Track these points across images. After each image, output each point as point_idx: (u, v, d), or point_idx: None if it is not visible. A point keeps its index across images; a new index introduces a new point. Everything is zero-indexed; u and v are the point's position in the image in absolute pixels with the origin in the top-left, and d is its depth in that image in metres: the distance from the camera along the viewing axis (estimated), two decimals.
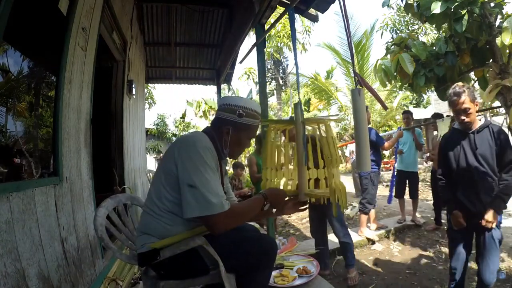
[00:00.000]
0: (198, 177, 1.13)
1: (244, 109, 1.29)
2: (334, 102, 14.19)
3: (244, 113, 1.29)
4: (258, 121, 1.36)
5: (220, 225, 1.14)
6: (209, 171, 1.16)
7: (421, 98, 17.94)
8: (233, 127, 1.30)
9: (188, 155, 1.17)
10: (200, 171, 1.14)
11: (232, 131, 1.29)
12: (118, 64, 3.82)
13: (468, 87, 1.87)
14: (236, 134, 1.31)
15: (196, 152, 1.16)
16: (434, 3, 2.58)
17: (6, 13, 1.26)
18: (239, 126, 1.31)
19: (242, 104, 1.30)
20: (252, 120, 1.32)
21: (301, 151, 1.44)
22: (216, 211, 1.11)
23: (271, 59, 16.70)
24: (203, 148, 1.18)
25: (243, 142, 1.36)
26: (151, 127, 17.97)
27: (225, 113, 1.31)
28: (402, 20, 10.43)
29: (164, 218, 1.22)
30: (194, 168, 1.14)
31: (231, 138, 1.30)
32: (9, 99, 2.22)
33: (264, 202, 1.31)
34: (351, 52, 1.54)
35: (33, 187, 1.49)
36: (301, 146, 1.44)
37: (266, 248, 1.33)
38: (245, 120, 1.30)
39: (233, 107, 1.30)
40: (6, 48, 1.88)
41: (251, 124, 1.33)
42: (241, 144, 1.36)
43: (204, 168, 1.14)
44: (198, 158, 1.15)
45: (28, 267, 1.35)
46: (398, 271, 3.05)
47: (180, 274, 1.27)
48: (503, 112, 4.23)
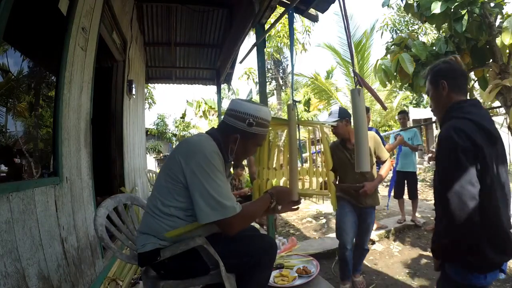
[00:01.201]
0: (210, 185, 1.15)
1: (255, 118, 1.24)
2: (334, 102, 14.19)
3: (254, 122, 1.24)
4: (267, 130, 1.33)
5: (235, 227, 1.20)
6: (219, 176, 1.17)
7: (421, 98, 17.92)
8: (241, 136, 1.25)
9: (197, 163, 1.16)
10: (211, 178, 1.15)
11: (239, 139, 1.25)
12: (118, 64, 3.82)
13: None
14: (243, 142, 1.27)
15: (204, 159, 1.16)
16: (434, 3, 2.58)
17: (6, 13, 1.26)
18: (248, 136, 1.26)
19: (253, 113, 1.24)
20: (262, 130, 1.28)
21: (295, 151, 1.46)
22: (231, 214, 1.15)
23: (271, 59, 16.68)
24: (210, 153, 1.17)
25: (250, 149, 1.34)
26: (151, 127, 17.97)
27: (234, 120, 1.25)
28: (402, 20, 10.44)
29: (166, 221, 1.22)
30: (205, 176, 1.15)
31: (238, 146, 1.27)
32: (9, 99, 2.22)
33: (271, 200, 1.34)
34: (351, 52, 1.54)
35: (33, 187, 1.49)
36: (295, 146, 1.46)
37: (266, 247, 1.34)
38: (255, 129, 1.25)
39: (243, 116, 1.24)
40: (6, 48, 1.88)
41: (259, 134, 1.28)
42: (247, 152, 1.34)
43: (214, 175, 1.16)
44: (207, 165, 1.15)
45: (28, 267, 1.35)
46: (398, 271, 3.05)
47: (180, 274, 1.27)
48: (503, 112, 4.24)
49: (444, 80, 1.19)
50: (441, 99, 1.21)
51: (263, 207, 1.34)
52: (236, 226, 1.20)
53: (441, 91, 1.20)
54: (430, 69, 1.27)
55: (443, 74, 1.21)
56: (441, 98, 1.21)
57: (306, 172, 1.60)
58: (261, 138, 1.32)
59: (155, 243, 1.22)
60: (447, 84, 1.18)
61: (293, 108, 1.47)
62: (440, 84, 1.20)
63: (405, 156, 4.42)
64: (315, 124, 1.50)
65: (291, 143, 1.46)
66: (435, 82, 1.22)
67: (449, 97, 1.18)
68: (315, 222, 5.24)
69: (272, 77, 18.36)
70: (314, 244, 3.71)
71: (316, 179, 1.55)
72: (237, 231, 1.22)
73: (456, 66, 1.23)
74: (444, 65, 1.24)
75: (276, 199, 1.36)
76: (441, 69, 1.23)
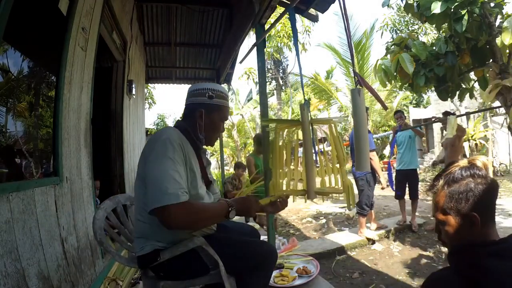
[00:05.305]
0: (158, 168, 1.09)
1: (213, 91, 1.32)
2: (334, 102, 14.21)
3: (213, 94, 1.32)
4: (227, 102, 1.39)
5: (174, 218, 1.05)
6: (169, 162, 1.11)
7: (421, 98, 17.93)
8: (206, 109, 1.31)
9: (151, 148, 1.16)
10: (159, 161, 1.10)
11: (205, 114, 1.30)
12: (118, 64, 3.82)
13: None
14: (209, 116, 1.31)
15: (158, 144, 1.15)
16: (434, 3, 2.58)
17: (6, 13, 1.26)
18: (211, 108, 1.32)
19: (210, 87, 1.33)
20: (223, 101, 1.35)
21: (310, 150, 1.44)
22: (171, 201, 1.04)
23: (271, 59, 16.69)
24: (164, 141, 1.15)
25: (217, 124, 1.36)
26: (151, 127, 17.96)
27: (195, 97, 1.33)
28: (402, 20, 10.45)
29: (154, 222, 1.14)
30: (154, 159, 1.12)
31: (205, 121, 1.31)
32: (9, 99, 2.22)
33: (229, 209, 1.22)
34: (351, 52, 1.54)
35: (33, 187, 1.49)
36: (309, 146, 1.44)
37: (266, 253, 1.33)
38: (216, 101, 1.32)
39: (202, 91, 1.32)
40: (6, 48, 1.88)
41: (222, 105, 1.35)
42: (215, 127, 1.35)
43: (163, 160, 1.11)
44: (160, 150, 1.13)
45: (28, 267, 1.35)
46: (398, 271, 3.05)
47: (180, 275, 1.27)
48: (503, 112, 4.23)
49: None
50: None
51: (215, 211, 1.23)
52: (176, 217, 1.05)
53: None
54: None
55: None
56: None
57: (325, 172, 1.55)
58: (224, 110, 1.37)
59: (153, 245, 1.21)
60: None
61: (304, 108, 1.45)
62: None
63: (406, 155, 4.41)
64: (327, 121, 1.48)
65: (306, 142, 1.44)
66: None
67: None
68: (315, 222, 5.25)
69: (272, 77, 18.35)
70: (314, 244, 3.72)
71: (333, 177, 1.51)
72: (176, 225, 1.08)
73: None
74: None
75: (236, 208, 1.24)
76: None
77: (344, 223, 5.06)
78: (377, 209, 5.37)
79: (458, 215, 0.83)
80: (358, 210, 3.94)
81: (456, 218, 0.84)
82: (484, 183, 0.82)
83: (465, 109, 10.30)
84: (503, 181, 8.50)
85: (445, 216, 0.86)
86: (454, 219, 0.84)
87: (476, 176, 0.83)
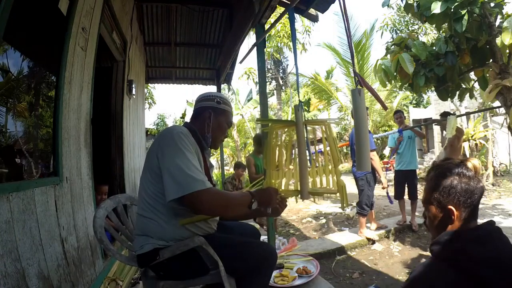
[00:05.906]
0: (180, 158, 1.16)
1: (220, 98, 1.48)
2: (334, 102, 14.21)
3: (221, 101, 1.47)
4: (232, 109, 1.55)
5: (204, 203, 1.13)
6: (188, 153, 1.19)
7: (421, 98, 17.95)
8: (214, 112, 1.43)
9: (166, 142, 1.21)
10: (181, 152, 1.17)
11: (213, 115, 1.43)
12: (118, 64, 3.82)
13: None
14: (216, 118, 1.44)
15: (172, 138, 1.21)
16: (434, 3, 2.58)
17: (6, 13, 1.26)
18: (219, 111, 1.45)
19: (218, 95, 1.50)
20: (229, 108, 1.51)
21: (303, 151, 1.45)
22: (199, 187, 1.11)
23: (271, 59, 16.69)
24: (178, 133, 1.23)
25: (223, 127, 1.47)
26: (151, 127, 17.97)
27: (205, 102, 1.46)
28: (402, 20, 10.44)
29: (157, 218, 1.22)
30: (173, 151, 1.18)
31: (213, 122, 1.42)
32: (9, 99, 2.22)
33: (252, 200, 1.26)
34: (351, 52, 1.54)
35: (33, 187, 1.49)
36: (303, 146, 1.45)
37: (266, 254, 1.33)
38: (223, 106, 1.47)
39: (211, 97, 1.47)
40: (6, 48, 1.88)
41: (228, 110, 1.50)
42: (221, 129, 1.47)
43: (185, 149, 1.19)
44: (177, 142, 1.20)
45: (28, 267, 1.35)
46: (398, 271, 3.05)
47: (180, 275, 1.27)
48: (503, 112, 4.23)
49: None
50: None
51: (239, 200, 1.27)
52: (205, 202, 1.13)
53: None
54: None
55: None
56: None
57: (316, 173, 1.56)
58: (229, 115, 1.51)
59: (153, 244, 1.22)
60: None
61: (298, 108, 1.46)
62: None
63: (406, 155, 4.41)
64: (321, 122, 1.50)
65: (300, 143, 1.46)
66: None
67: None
68: (315, 222, 5.25)
69: (272, 77, 18.36)
70: (314, 244, 3.72)
71: (326, 178, 1.52)
72: (206, 210, 1.17)
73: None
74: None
75: (257, 199, 1.28)
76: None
77: (344, 223, 5.07)
78: (377, 209, 5.37)
79: (439, 207, 0.92)
80: (358, 210, 3.95)
81: (437, 209, 0.93)
82: (467, 183, 0.88)
83: (465, 109, 10.30)
84: (503, 181, 8.50)
85: (429, 205, 0.96)
86: (436, 209, 0.93)
87: (462, 176, 0.90)
